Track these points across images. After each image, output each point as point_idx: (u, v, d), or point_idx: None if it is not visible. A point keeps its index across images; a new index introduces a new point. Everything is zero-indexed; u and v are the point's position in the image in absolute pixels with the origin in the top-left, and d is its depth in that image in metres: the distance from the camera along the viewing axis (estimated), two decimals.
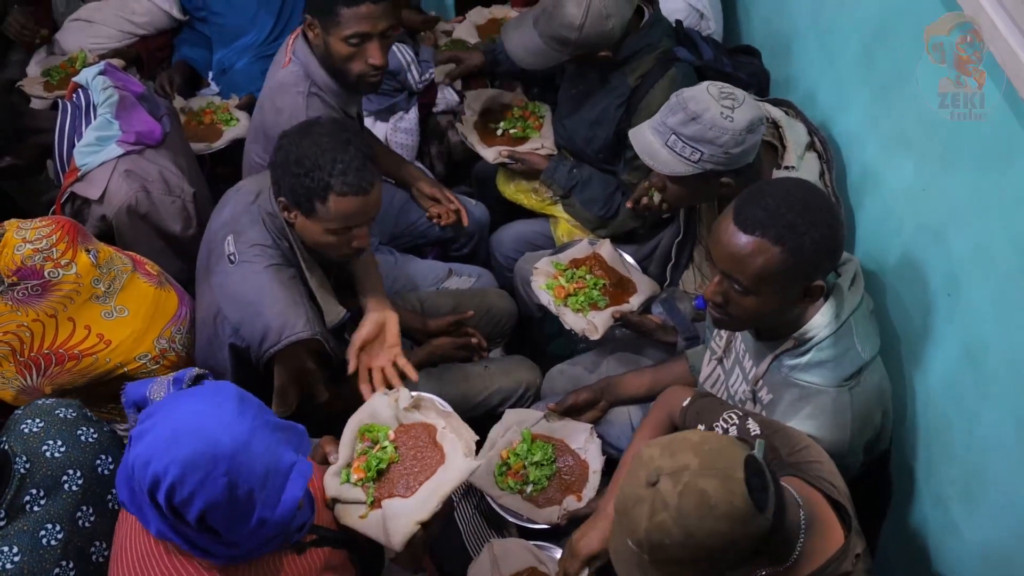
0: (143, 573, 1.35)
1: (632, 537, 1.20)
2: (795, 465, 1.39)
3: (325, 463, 1.70)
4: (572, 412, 2.04)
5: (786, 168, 1.86)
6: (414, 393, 1.85)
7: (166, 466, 1.21)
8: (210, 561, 1.34)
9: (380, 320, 2.00)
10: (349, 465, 1.69)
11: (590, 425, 2.02)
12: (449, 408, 1.87)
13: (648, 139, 1.84)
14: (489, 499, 1.92)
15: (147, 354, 1.88)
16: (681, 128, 1.77)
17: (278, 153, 1.78)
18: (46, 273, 1.73)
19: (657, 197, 2.02)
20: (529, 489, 1.91)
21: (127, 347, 1.85)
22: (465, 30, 3.12)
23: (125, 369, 1.86)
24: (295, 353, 1.85)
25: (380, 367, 1.97)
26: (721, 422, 1.49)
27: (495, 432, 2.02)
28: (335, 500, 1.64)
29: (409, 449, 1.70)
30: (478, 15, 3.18)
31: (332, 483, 1.66)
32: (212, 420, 1.24)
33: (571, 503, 1.89)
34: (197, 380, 1.58)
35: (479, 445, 1.86)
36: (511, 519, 1.90)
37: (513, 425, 2.02)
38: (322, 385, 1.96)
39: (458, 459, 1.67)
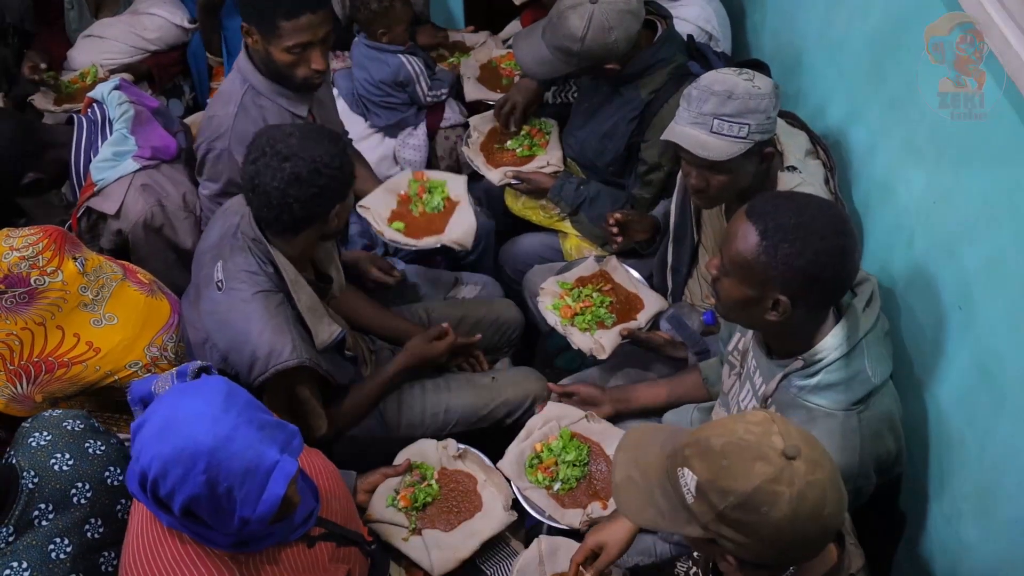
0: (154, 558, 1.36)
1: (722, 483, 1.15)
2: None
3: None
4: (569, 396, 2.05)
5: (788, 168, 1.85)
6: (461, 446, 1.99)
7: (149, 461, 1.26)
8: (218, 548, 1.35)
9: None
10: (396, 491, 1.90)
11: None
12: (491, 464, 1.97)
13: (691, 133, 1.79)
14: (515, 489, 1.90)
15: (138, 362, 1.86)
16: (721, 109, 1.75)
17: None
18: (32, 280, 1.72)
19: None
20: (556, 487, 1.89)
21: (117, 355, 1.84)
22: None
23: (116, 377, 1.85)
24: (285, 382, 1.83)
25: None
26: None
27: (533, 422, 2.01)
28: (378, 520, 1.86)
29: (450, 491, 1.93)
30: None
31: (379, 503, 1.89)
32: (195, 417, 1.26)
33: (596, 510, 1.85)
34: (201, 372, 1.58)
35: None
36: (533, 513, 1.87)
37: (553, 419, 1.99)
38: (319, 418, 1.93)
39: (498, 509, 1.88)
